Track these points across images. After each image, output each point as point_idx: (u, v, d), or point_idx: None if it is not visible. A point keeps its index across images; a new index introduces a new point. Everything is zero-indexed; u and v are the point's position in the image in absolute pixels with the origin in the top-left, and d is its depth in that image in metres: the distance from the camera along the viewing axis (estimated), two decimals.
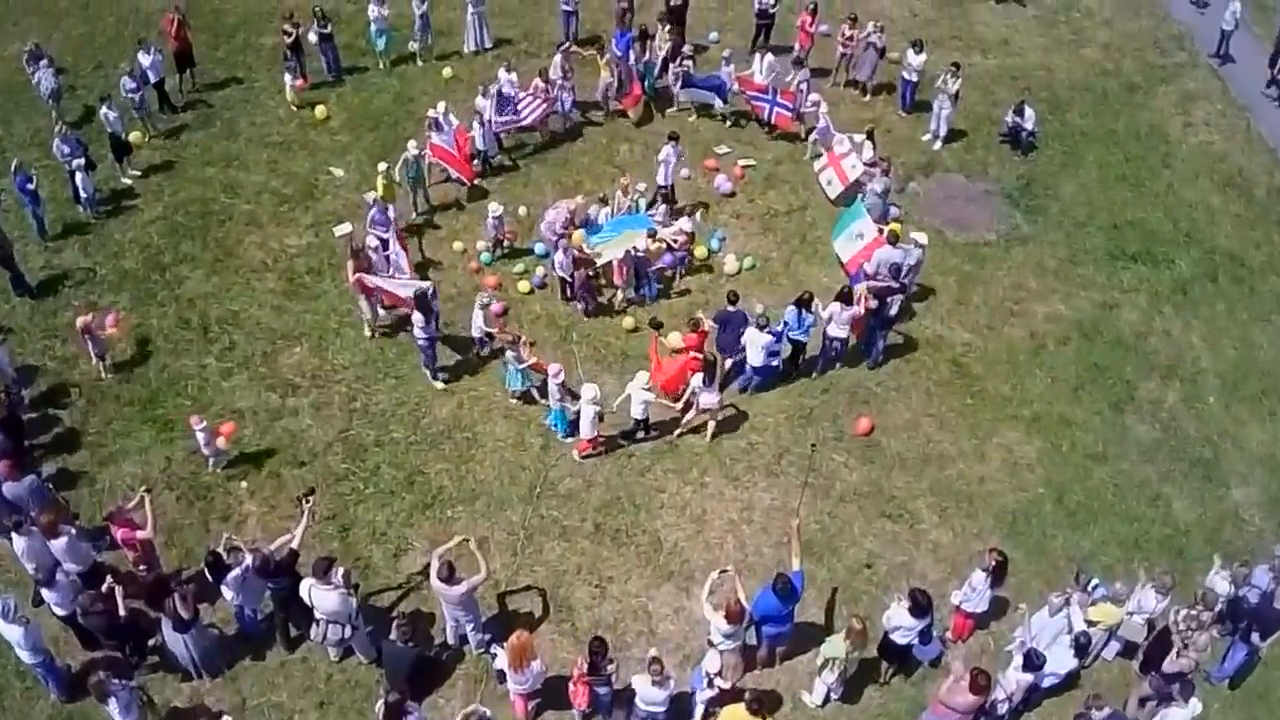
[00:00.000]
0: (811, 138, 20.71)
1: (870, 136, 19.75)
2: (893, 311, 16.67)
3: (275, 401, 16.09)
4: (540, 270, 18.12)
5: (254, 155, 20.40)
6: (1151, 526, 15.36)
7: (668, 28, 21.85)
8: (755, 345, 15.74)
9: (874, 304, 16.28)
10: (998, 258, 19.30)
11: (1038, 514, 15.38)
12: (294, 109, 21.32)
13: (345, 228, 18.24)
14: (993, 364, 17.45)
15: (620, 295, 17.70)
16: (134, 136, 19.79)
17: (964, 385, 17.06)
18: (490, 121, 19.57)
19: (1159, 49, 25.24)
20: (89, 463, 15.26)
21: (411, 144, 18.39)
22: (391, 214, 17.39)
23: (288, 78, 21.12)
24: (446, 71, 22.26)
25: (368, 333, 16.89)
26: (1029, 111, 20.91)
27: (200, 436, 14.63)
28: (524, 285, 17.97)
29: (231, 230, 18.84)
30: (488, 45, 23.06)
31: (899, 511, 15.21)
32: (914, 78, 21.50)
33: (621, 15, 22.65)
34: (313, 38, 21.52)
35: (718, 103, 21.42)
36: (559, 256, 17.03)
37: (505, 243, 18.39)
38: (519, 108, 19.90)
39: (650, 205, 18.73)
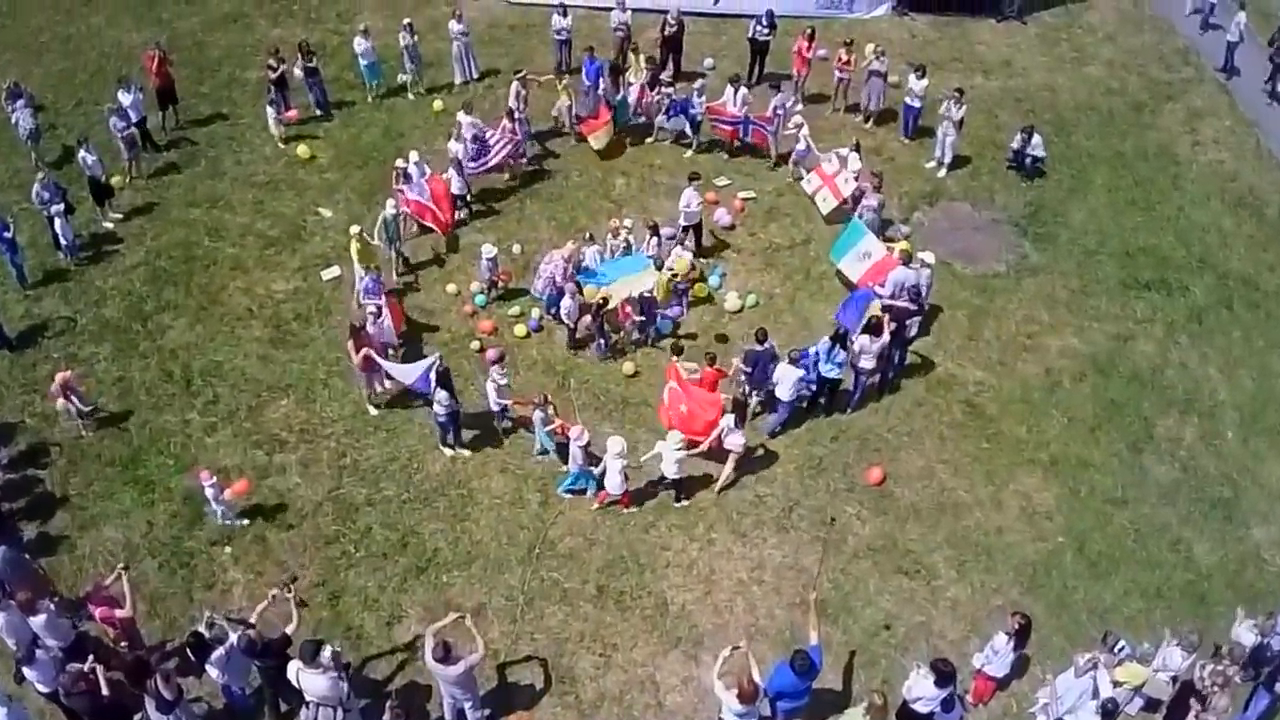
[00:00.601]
0: (792, 160, 20.25)
1: (857, 148, 19.27)
2: (911, 333, 16.51)
3: (261, 459, 15.46)
4: (536, 312, 17.51)
5: (239, 195, 19.79)
6: (1173, 573, 14.77)
7: (643, 57, 21.19)
8: (787, 381, 15.21)
9: (893, 327, 15.85)
10: (1008, 290, 18.71)
11: (1058, 565, 14.76)
12: (280, 145, 20.74)
13: (334, 271, 17.74)
14: (1007, 404, 16.84)
15: (625, 337, 17.19)
16: (115, 180, 19.11)
17: (978, 428, 16.45)
18: (465, 166, 18.88)
19: (1164, 64, 24.71)
20: (70, 526, 14.61)
21: (390, 203, 17.63)
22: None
23: (270, 112, 20.47)
24: (437, 104, 21.71)
25: (371, 410, 16.17)
26: (1036, 138, 20.31)
27: (209, 492, 14.01)
28: (520, 329, 17.37)
29: (216, 275, 18.22)
30: (475, 76, 22.51)
31: (915, 567, 14.60)
32: (916, 104, 20.92)
33: (620, 44, 22.08)
34: (298, 73, 20.89)
35: (689, 128, 20.89)
36: (565, 303, 16.43)
37: (500, 284, 17.73)
38: (490, 145, 19.20)
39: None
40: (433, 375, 14.85)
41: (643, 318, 17.02)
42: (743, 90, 20.43)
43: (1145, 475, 15.98)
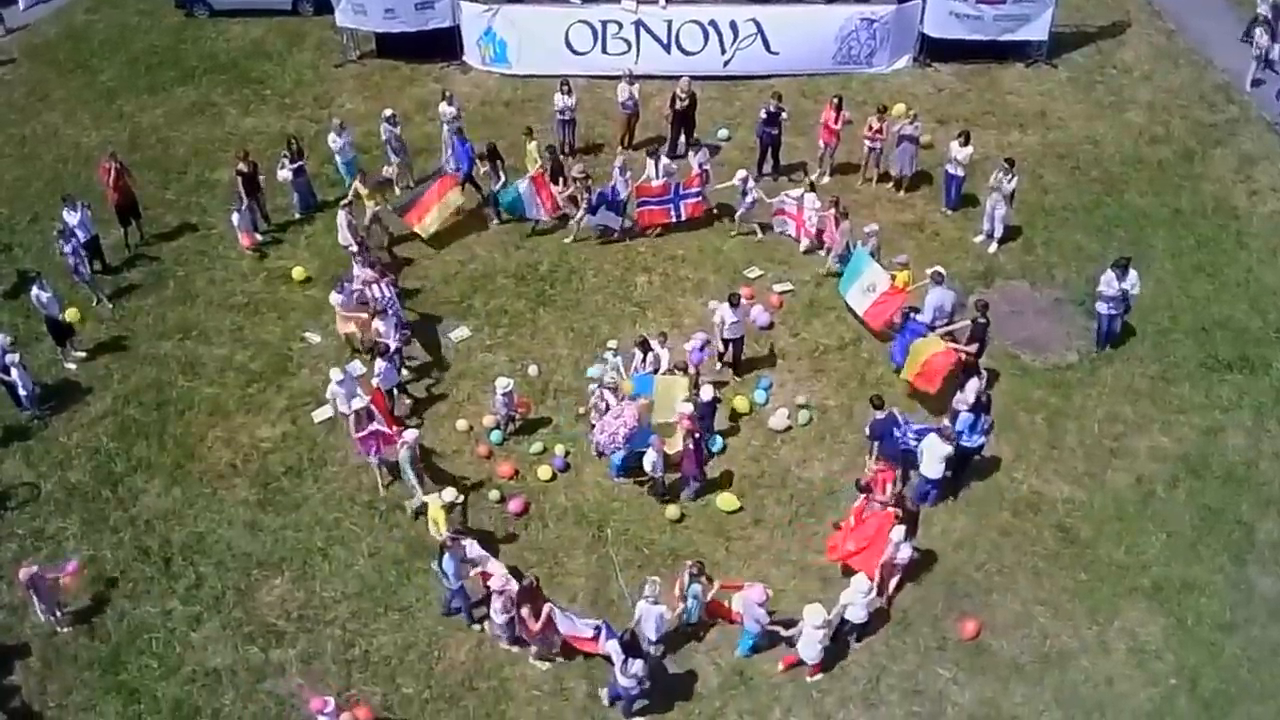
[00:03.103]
0: (737, 216, 18.86)
1: (811, 188, 18.49)
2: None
3: (256, 656, 13.35)
4: (561, 448, 15.42)
5: (215, 322, 17.70)
6: None
7: (535, 144, 19.06)
8: (934, 455, 14.04)
9: (974, 348, 15.56)
10: (1084, 383, 16.82)
11: (1172, 711, 13.06)
12: (254, 255, 18.75)
13: (325, 412, 15.66)
14: (1101, 524, 14.98)
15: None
16: (71, 313, 16.92)
17: (1074, 556, 14.54)
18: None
19: (1207, 104, 22.96)
20: None
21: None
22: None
23: (235, 219, 18.42)
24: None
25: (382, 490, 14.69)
26: (1133, 274, 16.76)
27: None
28: (545, 471, 15.25)
29: (192, 423, 16.10)
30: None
31: None
32: (960, 172, 19.05)
33: (628, 121, 20.22)
34: (285, 174, 18.78)
35: (617, 223, 18.91)
36: (651, 457, 14.37)
37: (518, 417, 15.63)
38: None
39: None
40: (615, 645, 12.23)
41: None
42: (664, 160, 18.82)
43: (1251, 591, 14.35)
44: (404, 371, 16.33)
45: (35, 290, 16.38)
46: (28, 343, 16.60)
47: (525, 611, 12.56)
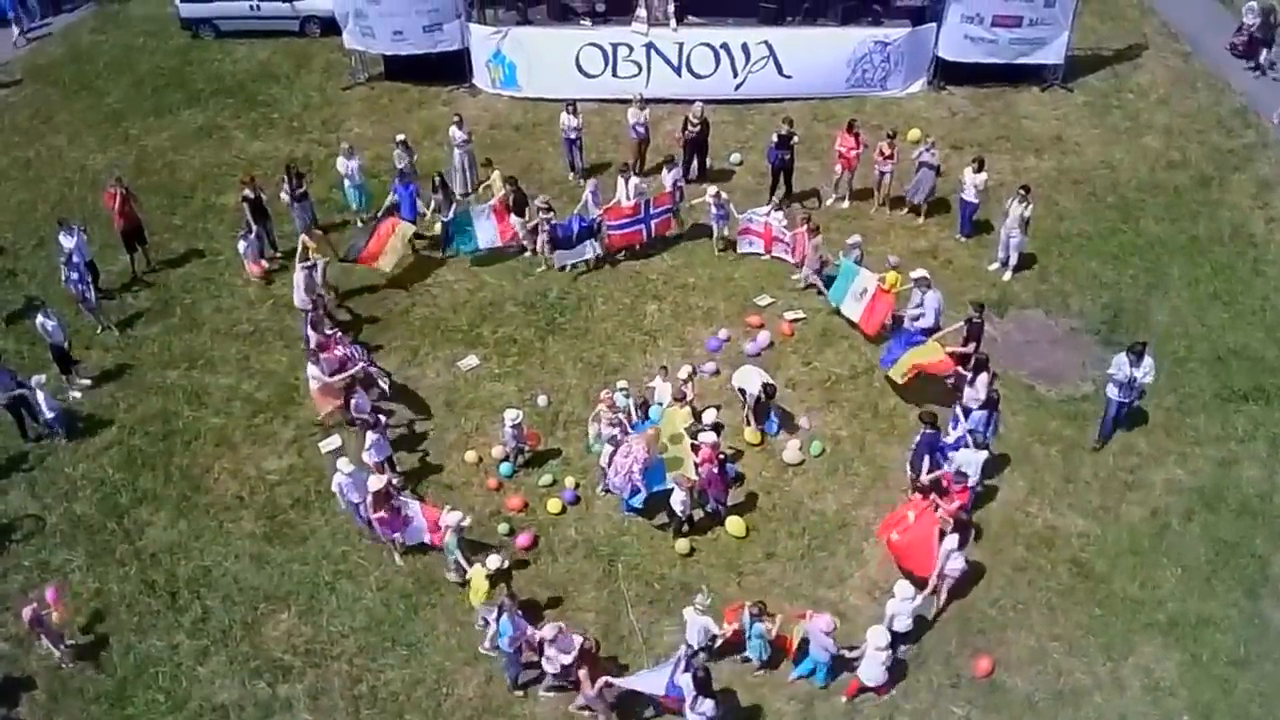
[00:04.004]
0: (714, 236, 18.98)
1: (778, 208, 18.69)
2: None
3: (264, 692, 13.17)
4: (571, 481, 15.24)
5: (221, 350, 17.56)
6: None
7: (498, 174, 18.82)
8: (975, 466, 14.22)
9: (970, 347, 15.90)
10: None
11: None
12: (259, 280, 18.63)
13: (334, 442, 15.51)
14: (1116, 558, 14.74)
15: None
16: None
17: (1088, 591, 14.32)
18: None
19: (1224, 129, 22.77)
20: None
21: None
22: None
23: (242, 246, 18.27)
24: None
25: (398, 561, 14.39)
26: (1148, 361, 15.60)
27: None
28: (554, 505, 15.07)
29: (199, 454, 15.96)
30: (473, 189, 20.37)
31: None
32: (975, 199, 18.85)
33: (638, 146, 20.23)
34: (285, 198, 18.67)
35: (589, 252, 18.70)
36: (679, 497, 14.25)
37: (528, 449, 15.47)
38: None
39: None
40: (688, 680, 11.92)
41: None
42: (634, 180, 18.70)
43: (1266, 627, 14.10)
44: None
45: (40, 318, 16.27)
46: (33, 370, 16.43)
47: (584, 673, 12.19)
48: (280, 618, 13.92)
